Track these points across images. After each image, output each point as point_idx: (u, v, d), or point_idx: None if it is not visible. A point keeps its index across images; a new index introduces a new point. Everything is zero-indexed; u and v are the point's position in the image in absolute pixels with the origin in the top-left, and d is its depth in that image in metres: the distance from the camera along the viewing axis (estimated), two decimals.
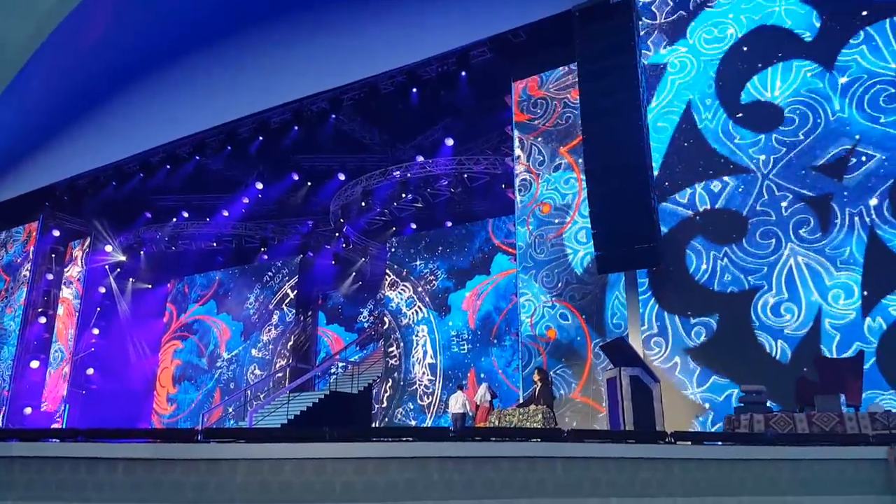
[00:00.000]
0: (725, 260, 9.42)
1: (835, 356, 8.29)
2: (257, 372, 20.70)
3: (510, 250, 16.29)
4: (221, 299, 22.36)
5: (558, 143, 11.69)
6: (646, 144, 9.87)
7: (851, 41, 9.27)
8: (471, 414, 12.37)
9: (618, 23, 10.31)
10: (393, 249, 19.40)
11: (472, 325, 17.34)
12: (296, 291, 21.06)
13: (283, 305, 21.12)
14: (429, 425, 16.46)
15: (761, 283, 9.09)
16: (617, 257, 9.79)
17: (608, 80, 9.97)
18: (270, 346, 20.84)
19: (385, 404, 17.90)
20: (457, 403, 12.56)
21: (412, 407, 17.50)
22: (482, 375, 16.36)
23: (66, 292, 20.03)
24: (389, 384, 18.04)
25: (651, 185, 9.73)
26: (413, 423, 17.14)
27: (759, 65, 9.76)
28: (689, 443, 6.06)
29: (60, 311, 19.88)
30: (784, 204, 9.22)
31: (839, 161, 8.99)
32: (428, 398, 17.38)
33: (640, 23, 10.61)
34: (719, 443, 6.35)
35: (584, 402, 10.21)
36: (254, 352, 21.06)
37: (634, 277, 10.13)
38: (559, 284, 10.96)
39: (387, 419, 17.64)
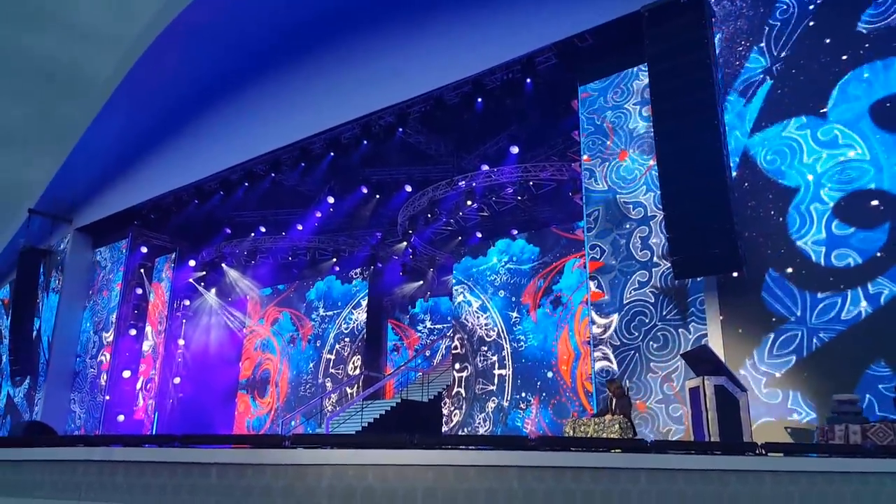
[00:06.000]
0: None
1: None
2: (333, 374, 21.23)
3: (575, 236, 16.14)
4: (296, 307, 23.16)
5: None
6: (723, 144, 9.51)
7: None
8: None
9: (689, 19, 9.99)
10: (458, 258, 19.49)
11: (535, 319, 17.08)
12: (366, 301, 21.51)
13: (355, 315, 21.60)
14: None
15: None
16: (695, 262, 9.46)
17: (681, 78, 9.67)
18: (343, 354, 21.34)
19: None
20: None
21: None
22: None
23: (154, 306, 21.26)
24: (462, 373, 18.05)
25: (730, 186, 9.36)
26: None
27: None
28: (782, 454, 5.75)
29: (148, 323, 21.11)
30: None
31: None
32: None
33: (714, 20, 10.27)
34: (814, 455, 6.01)
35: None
36: (328, 356, 21.60)
37: (714, 283, 9.76)
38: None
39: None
